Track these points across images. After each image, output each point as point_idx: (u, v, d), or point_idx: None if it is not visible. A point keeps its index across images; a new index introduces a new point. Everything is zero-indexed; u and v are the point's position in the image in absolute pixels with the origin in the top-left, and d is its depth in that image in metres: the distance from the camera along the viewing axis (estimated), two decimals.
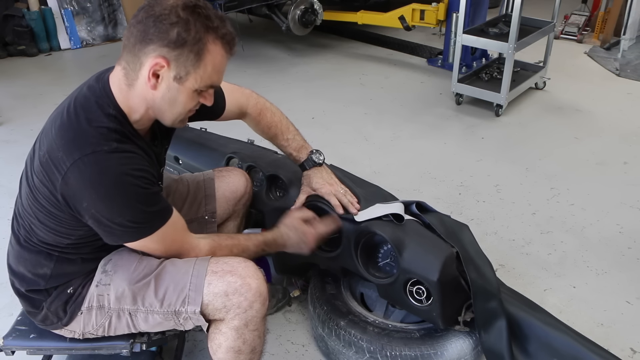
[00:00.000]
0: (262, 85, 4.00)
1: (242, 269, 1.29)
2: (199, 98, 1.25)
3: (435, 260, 1.47)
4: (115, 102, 1.21)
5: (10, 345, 1.41)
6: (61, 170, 1.15)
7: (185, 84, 1.19)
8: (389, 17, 4.30)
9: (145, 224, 1.23)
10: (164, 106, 1.22)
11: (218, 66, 1.21)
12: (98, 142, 1.16)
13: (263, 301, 1.30)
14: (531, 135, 3.26)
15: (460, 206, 2.57)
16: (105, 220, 1.18)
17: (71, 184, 1.15)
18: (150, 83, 1.17)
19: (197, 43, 1.15)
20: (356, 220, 1.59)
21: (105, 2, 4.99)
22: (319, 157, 1.67)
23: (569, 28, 4.91)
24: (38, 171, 1.21)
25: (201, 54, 1.16)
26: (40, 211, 1.24)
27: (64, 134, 1.19)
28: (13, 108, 3.64)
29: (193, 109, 1.28)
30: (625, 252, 2.27)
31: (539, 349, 1.52)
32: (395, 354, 1.56)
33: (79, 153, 1.15)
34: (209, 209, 1.67)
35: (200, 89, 1.22)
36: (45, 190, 1.20)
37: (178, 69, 1.17)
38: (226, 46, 1.21)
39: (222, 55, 1.21)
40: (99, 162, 1.15)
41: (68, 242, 1.27)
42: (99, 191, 1.15)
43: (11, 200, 2.61)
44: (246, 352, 1.33)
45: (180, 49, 1.15)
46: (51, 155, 1.18)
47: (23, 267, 1.32)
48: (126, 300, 1.30)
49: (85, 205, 1.16)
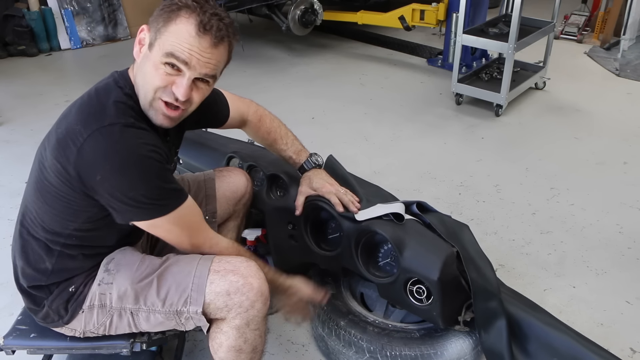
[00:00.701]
0: (262, 85, 4.00)
1: (244, 269, 1.30)
2: (166, 80, 1.19)
3: (436, 260, 1.47)
4: (131, 84, 1.26)
5: (11, 345, 1.41)
6: (77, 143, 1.16)
7: (153, 51, 1.20)
8: (389, 17, 4.30)
9: (159, 201, 1.21)
10: (138, 76, 1.24)
11: (181, 39, 1.16)
12: (116, 115, 1.19)
13: (264, 301, 1.30)
14: (531, 135, 3.26)
15: (460, 206, 2.57)
16: (118, 194, 1.17)
17: (86, 156, 1.15)
18: (135, 50, 1.24)
19: (170, 12, 1.19)
20: (357, 219, 1.59)
21: (106, 2, 4.99)
22: (317, 159, 1.71)
23: (569, 28, 4.91)
24: (53, 149, 1.21)
25: (168, 21, 1.19)
26: (49, 192, 1.24)
27: (83, 109, 1.22)
28: (13, 108, 3.64)
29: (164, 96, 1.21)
30: (625, 252, 2.27)
31: (538, 348, 1.52)
32: (395, 353, 1.56)
33: (96, 124, 1.16)
34: (209, 209, 1.67)
35: (165, 61, 1.18)
36: (58, 165, 1.19)
37: (151, 35, 1.21)
38: (198, 25, 1.17)
39: (189, 32, 1.17)
40: (116, 133, 1.16)
41: (73, 227, 1.27)
42: (113, 162, 1.15)
43: (11, 200, 2.63)
44: (247, 352, 1.34)
45: (157, 15, 1.20)
46: (69, 130, 1.19)
47: (25, 261, 1.33)
48: (128, 300, 1.30)
49: (99, 178, 1.15)
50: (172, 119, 1.26)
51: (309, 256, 1.75)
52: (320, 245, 1.72)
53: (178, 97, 1.21)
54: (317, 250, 1.71)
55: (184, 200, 1.26)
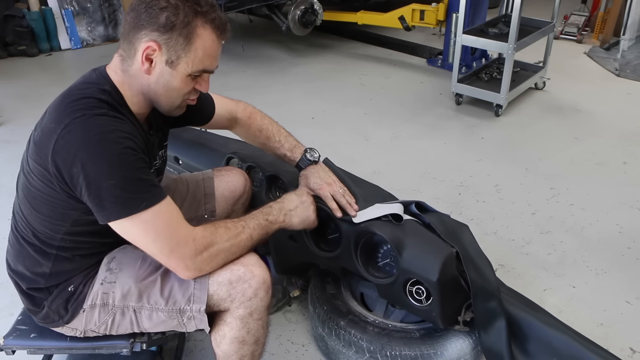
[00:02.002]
0: (262, 85, 4.00)
1: (244, 258, 1.30)
2: (193, 84, 1.27)
3: (435, 260, 1.47)
4: (111, 82, 1.25)
5: (11, 345, 1.41)
6: (52, 140, 1.15)
7: (178, 68, 1.21)
8: (388, 17, 4.30)
9: (135, 194, 1.16)
10: (159, 91, 1.24)
11: (209, 50, 1.23)
12: (89, 107, 1.18)
13: (267, 289, 1.30)
14: (531, 135, 3.26)
15: (460, 206, 2.57)
16: (94, 186, 1.13)
17: (61, 150, 1.14)
18: (144, 67, 1.21)
19: (186, 27, 1.18)
20: (354, 222, 1.59)
21: (106, 3, 4.99)
22: (313, 154, 1.65)
23: (568, 28, 4.92)
24: (32, 152, 1.22)
25: (190, 38, 1.19)
26: (35, 198, 1.24)
27: (56, 108, 1.21)
28: (13, 108, 3.65)
29: (190, 96, 1.30)
30: (624, 252, 2.27)
31: (538, 348, 1.52)
32: (395, 353, 1.56)
33: (69, 118, 1.16)
34: (208, 208, 1.68)
35: (193, 74, 1.24)
36: (39, 168, 1.19)
37: (169, 53, 1.20)
38: (216, 30, 1.22)
39: (213, 40, 1.23)
40: (88, 122, 1.16)
41: (64, 231, 1.26)
42: (86, 149, 1.13)
43: (11, 200, 2.61)
44: (250, 343, 1.34)
45: (170, 33, 1.18)
46: (44, 131, 1.19)
47: (22, 266, 1.33)
48: (132, 298, 1.30)
49: (75, 170, 1.13)
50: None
51: (309, 256, 1.75)
52: (319, 246, 1.72)
53: (203, 92, 1.31)
54: (316, 251, 1.71)
55: (162, 198, 1.19)
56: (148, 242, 1.21)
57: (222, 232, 1.28)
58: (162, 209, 1.19)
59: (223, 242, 1.27)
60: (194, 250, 1.22)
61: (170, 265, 1.24)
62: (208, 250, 1.24)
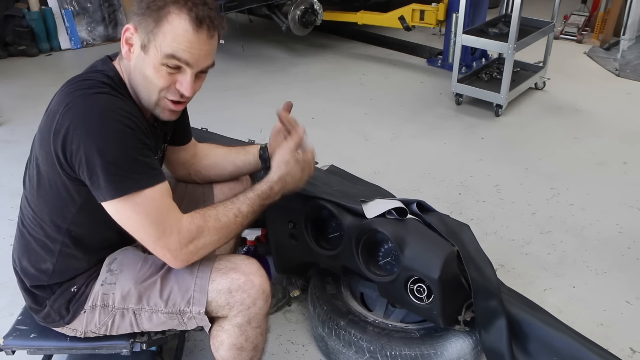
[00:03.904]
0: (262, 85, 4.00)
1: (245, 266, 1.30)
2: (170, 79, 1.21)
3: (437, 258, 1.47)
4: (115, 69, 1.25)
5: (11, 345, 1.41)
6: (54, 120, 1.15)
7: (149, 53, 1.19)
8: (388, 17, 4.30)
9: (130, 173, 1.14)
10: (137, 78, 1.23)
11: (179, 38, 1.16)
12: (89, 87, 1.18)
13: (266, 298, 1.30)
14: (531, 135, 3.26)
15: (460, 206, 2.57)
16: (90, 162, 1.12)
17: (61, 127, 1.14)
18: (124, 50, 1.22)
19: (158, 10, 1.17)
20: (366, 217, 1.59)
21: (106, 3, 4.99)
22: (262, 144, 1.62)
23: (568, 28, 4.92)
24: (38, 139, 1.23)
25: (160, 21, 1.16)
26: (42, 186, 1.24)
27: (59, 93, 1.21)
28: (13, 108, 3.65)
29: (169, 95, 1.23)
30: (624, 252, 2.27)
31: (539, 348, 1.52)
32: (395, 353, 1.57)
33: (70, 97, 1.16)
34: (207, 205, 1.67)
35: (164, 63, 1.18)
36: (43, 153, 1.20)
37: (142, 36, 1.19)
38: (193, 21, 1.16)
39: (186, 29, 1.16)
40: (89, 99, 1.16)
41: (70, 219, 1.26)
42: (85, 126, 1.12)
43: (11, 200, 2.63)
44: (248, 350, 1.34)
45: (143, 15, 1.18)
46: (48, 116, 1.20)
47: (27, 261, 1.33)
48: (131, 300, 1.30)
49: (74, 147, 1.13)
50: (178, 112, 1.30)
51: (310, 255, 1.75)
52: (320, 244, 1.72)
53: (184, 93, 1.23)
54: (317, 249, 1.71)
55: (159, 181, 1.18)
56: (138, 227, 1.19)
57: (212, 224, 1.24)
58: (155, 192, 1.17)
59: (211, 235, 1.24)
60: (178, 242, 1.20)
61: (157, 253, 1.22)
62: (194, 243, 1.22)
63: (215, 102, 3.48)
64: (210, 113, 3.17)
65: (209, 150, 1.66)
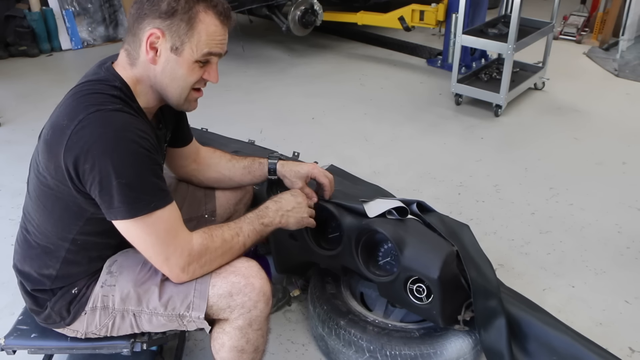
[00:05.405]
0: (262, 85, 4.01)
1: (245, 269, 1.30)
2: (201, 72, 1.27)
3: (436, 258, 1.48)
4: (121, 78, 1.25)
5: (12, 345, 1.41)
6: (65, 136, 1.14)
7: (183, 54, 1.22)
8: (388, 17, 4.31)
9: (143, 195, 1.16)
10: (165, 80, 1.25)
11: (212, 35, 1.23)
12: (103, 103, 1.18)
13: (267, 301, 1.30)
14: (530, 135, 3.27)
15: (460, 206, 2.57)
16: (104, 182, 1.13)
17: (75, 145, 1.13)
18: (149, 56, 1.22)
19: (187, 12, 1.19)
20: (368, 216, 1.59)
21: (106, 3, 5.00)
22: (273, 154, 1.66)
23: (567, 29, 4.92)
24: (43, 152, 1.21)
25: (192, 23, 1.20)
26: (48, 198, 1.24)
27: (68, 104, 1.20)
28: (14, 108, 3.65)
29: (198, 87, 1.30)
30: (624, 251, 2.27)
31: (538, 348, 1.53)
32: (394, 353, 1.57)
33: (83, 114, 1.15)
34: (208, 207, 1.68)
35: (199, 60, 1.24)
36: (51, 165, 1.19)
37: (173, 40, 1.20)
38: (219, 15, 1.23)
39: (216, 25, 1.23)
40: (104, 117, 1.15)
41: (77, 230, 1.26)
42: (100, 145, 1.12)
43: (12, 200, 2.64)
44: (249, 352, 1.34)
45: (172, 19, 1.19)
46: (55, 128, 1.18)
47: (29, 267, 1.33)
48: (131, 302, 1.30)
49: (87, 166, 1.13)
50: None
51: (310, 255, 1.76)
52: (320, 244, 1.73)
53: (212, 82, 1.30)
54: (317, 250, 1.72)
55: (169, 203, 1.21)
56: (147, 246, 1.22)
57: (219, 243, 1.28)
58: (165, 213, 1.20)
59: (217, 255, 1.29)
60: (187, 261, 1.24)
61: (164, 271, 1.26)
62: (200, 260, 1.26)
63: (215, 102, 3.48)
64: (210, 113, 3.17)
65: (212, 160, 1.66)
